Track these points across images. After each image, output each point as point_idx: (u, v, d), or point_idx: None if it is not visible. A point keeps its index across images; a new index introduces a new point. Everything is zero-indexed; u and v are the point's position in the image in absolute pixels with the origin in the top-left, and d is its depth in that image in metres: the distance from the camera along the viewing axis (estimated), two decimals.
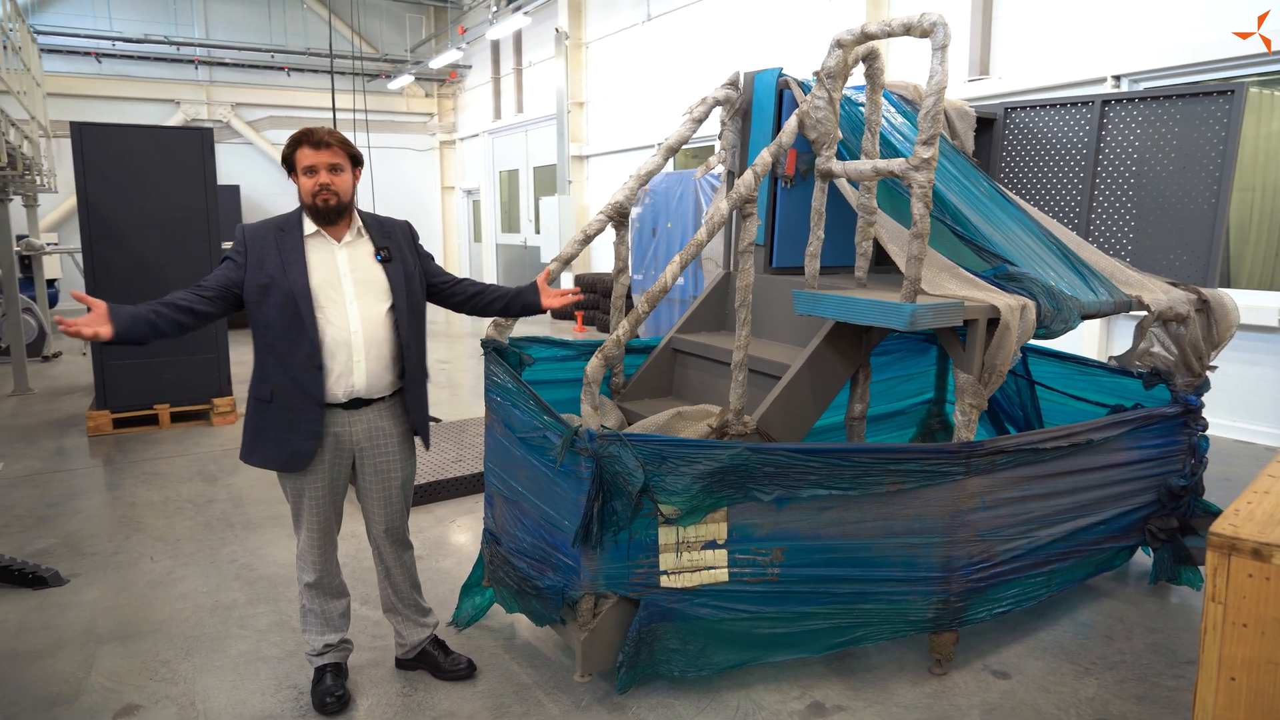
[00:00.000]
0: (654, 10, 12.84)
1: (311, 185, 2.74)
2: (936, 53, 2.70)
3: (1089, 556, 3.63)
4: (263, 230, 2.81)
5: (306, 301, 2.72)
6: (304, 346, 2.73)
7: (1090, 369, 4.40)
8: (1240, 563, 1.36)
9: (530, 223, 17.10)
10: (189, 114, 16.97)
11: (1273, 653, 1.35)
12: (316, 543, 2.96)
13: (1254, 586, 1.36)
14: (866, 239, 3.34)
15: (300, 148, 2.76)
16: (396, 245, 2.95)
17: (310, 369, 2.74)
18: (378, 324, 2.84)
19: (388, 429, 2.96)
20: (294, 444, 2.79)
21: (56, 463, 6.16)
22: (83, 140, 6.47)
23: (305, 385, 2.75)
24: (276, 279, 2.72)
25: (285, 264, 2.73)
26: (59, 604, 3.87)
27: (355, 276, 2.83)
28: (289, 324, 2.72)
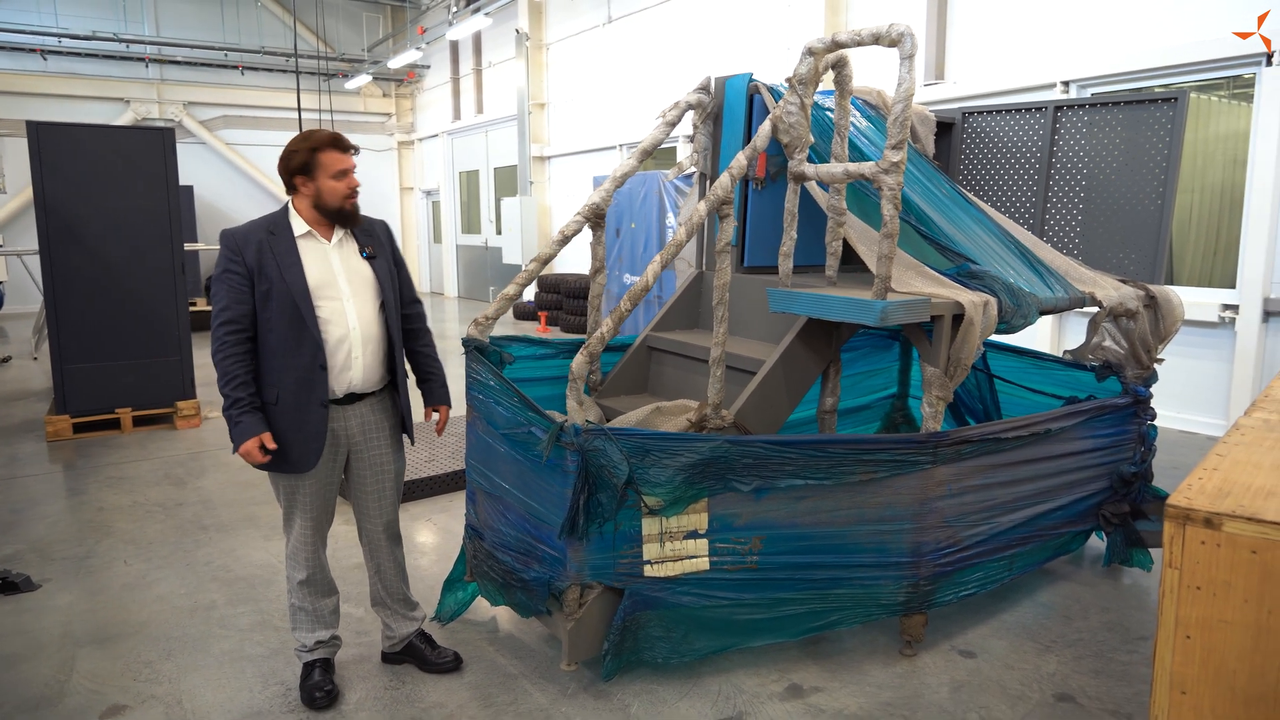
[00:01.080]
0: (615, 12, 12.93)
1: (345, 188, 2.82)
2: (904, 61, 2.84)
3: (1048, 541, 3.81)
4: (252, 235, 2.81)
5: (307, 302, 2.77)
6: (308, 347, 2.78)
7: (1045, 363, 4.60)
8: (1194, 531, 1.50)
9: (491, 223, 17.07)
10: (139, 113, 16.61)
11: (1223, 612, 1.49)
12: (309, 540, 3.00)
13: (1206, 553, 1.49)
14: (836, 239, 3.47)
15: (328, 151, 2.80)
16: (379, 243, 3.02)
17: (315, 369, 2.80)
18: (371, 321, 2.92)
19: (379, 423, 3.04)
20: (301, 444, 2.84)
21: (15, 468, 6.04)
22: (40, 140, 6.36)
23: (311, 385, 2.81)
24: (275, 283, 2.75)
25: (282, 267, 2.76)
26: (32, 609, 3.84)
27: (348, 275, 2.89)
28: (290, 325, 2.76)
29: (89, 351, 6.72)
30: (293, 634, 3.13)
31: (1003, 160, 4.54)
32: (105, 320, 6.71)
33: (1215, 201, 6.90)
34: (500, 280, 16.77)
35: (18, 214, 15.36)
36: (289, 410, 2.82)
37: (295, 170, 2.81)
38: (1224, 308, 6.55)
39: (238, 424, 2.75)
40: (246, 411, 2.75)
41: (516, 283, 3.68)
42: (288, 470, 2.89)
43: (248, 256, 2.76)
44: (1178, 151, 3.91)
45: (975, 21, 8.06)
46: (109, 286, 6.69)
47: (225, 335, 2.75)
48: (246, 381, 2.77)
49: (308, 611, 3.07)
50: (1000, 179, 4.58)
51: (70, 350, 6.67)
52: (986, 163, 4.62)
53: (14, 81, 15.28)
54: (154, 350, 6.97)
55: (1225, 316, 6.54)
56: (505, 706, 3.04)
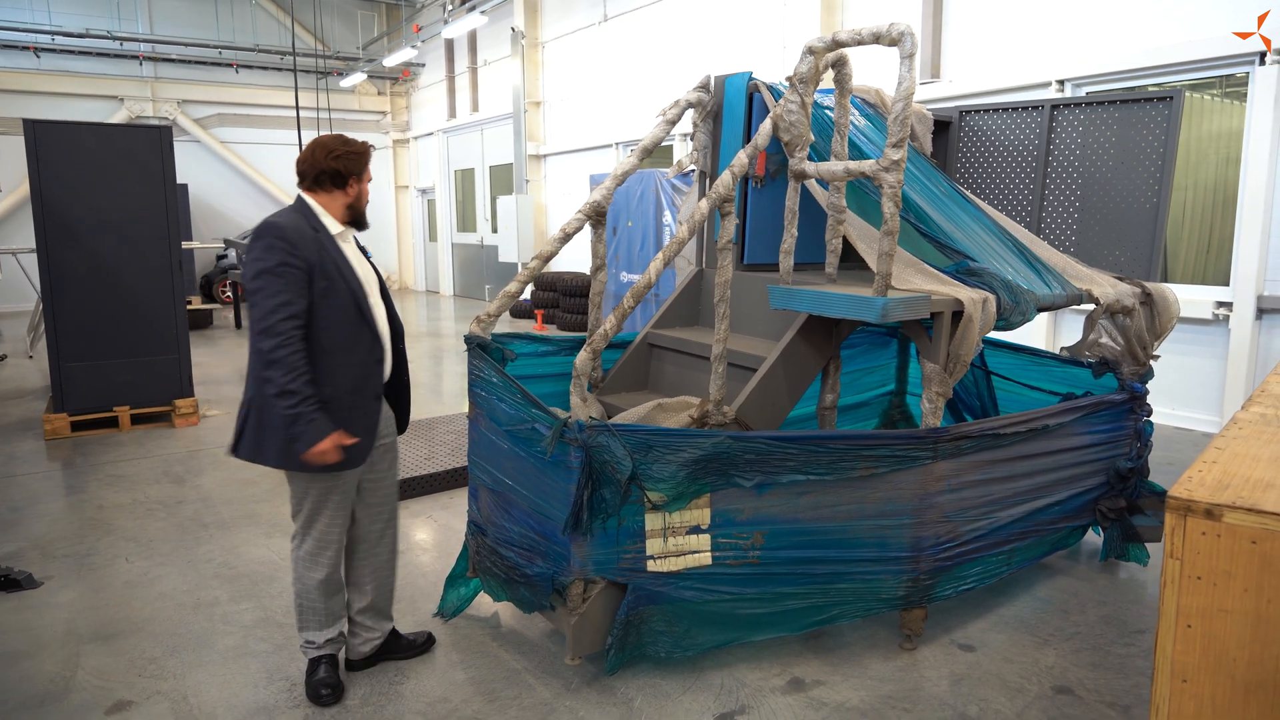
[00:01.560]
0: (610, 11, 12.94)
1: (367, 196, 2.99)
2: (904, 61, 2.86)
3: (1045, 536, 3.85)
4: (302, 230, 2.77)
5: (364, 298, 2.84)
6: (364, 343, 2.85)
7: (1042, 359, 4.64)
8: (1195, 522, 1.53)
9: (486, 222, 17.07)
10: (133, 111, 16.56)
11: (1223, 601, 1.52)
12: (338, 539, 3.01)
13: (1206, 543, 1.53)
14: (836, 237, 3.50)
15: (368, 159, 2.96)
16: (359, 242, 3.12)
17: (372, 363, 2.88)
18: (382, 316, 3.00)
19: (388, 413, 3.11)
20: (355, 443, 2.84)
21: (13, 466, 6.04)
22: (37, 138, 6.35)
23: (368, 380, 2.88)
24: (335, 280, 2.78)
25: (338, 265, 2.81)
26: (35, 606, 3.85)
27: (363, 273, 2.96)
28: (350, 322, 2.81)
29: (87, 350, 6.71)
30: (299, 632, 3.11)
31: (1000, 159, 4.58)
32: (103, 318, 6.70)
33: (1208, 199, 6.95)
34: (496, 279, 16.77)
35: (11, 212, 15.30)
36: (343, 408, 2.82)
37: (351, 172, 2.87)
38: (1218, 305, 6.60)
39: (312, 421, 2.66)
40: (317, 408, 2.70)
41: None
42: (342, 468, 2.85)
43: (306, 253, 2.72)
44: (1173, 150, 3.95)
45: (971, 20, 8.11)
46: (107, 284, 6.68)
47: (291, 330, 2.66)
48: (312, 378, 2.71)
49: (320, 610, 3.04)
50: (997, 177, 4.62)
51: (68, 348, 6.66)
52: (983, 161, 4.65)
53: (7, 79, 15.22)
54: (152, 348, 6.96)
55: (1219, 314, 6.59)
56: (509, 701, 3.07)
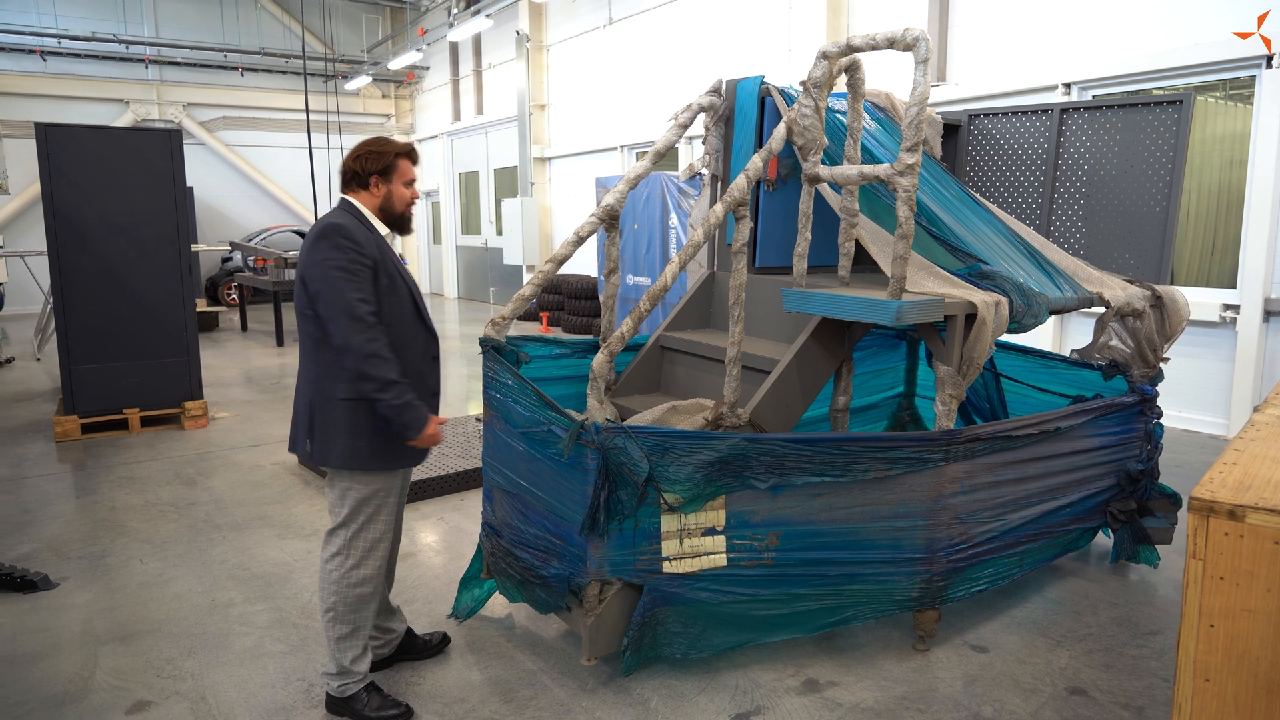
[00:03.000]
0: (615, 14, 12.98)
1: (410, 197, 2.93)
2: (919, 66, 2.89)
3: (1057, 538, 3.86)
4: (360, 231, 2.78)
5: (420, 296, 2.92)
6: (421, 340, 2.91)
7: (1052, 362, 4.65)
8: (1217, 523, 1.55)
9: (491, 224, 17.10)
10: (139, 114, 16.62)
11: (1246, 601, 1.54)
12: (388, 543, 2.99)
13: (1229, 543, 1.54)
14: (849, 240, 3.52)
15: (405, 160, 2.90)
16: None
17: (428, 360, 2.95)
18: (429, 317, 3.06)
19: None
20: None
21: (25, 468, 6.07)
22: (48, 142, 6.38)
23: (424, 377, 2.93)
24: (395, 279, 2.82)
25: (395, 264, 2.85)
26: (52, 607, 3.87)
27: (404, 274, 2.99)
28: (408, 320, 2.86)
29: (97, 352, 6.74)
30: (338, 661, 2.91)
31: (1009, 162, 4.60)
32: (113, 321, 6.73)
33: (1214, 201, 6.97)
34: (500, 281, 16.80)
35: (18, 215, 15.35)
36: None
37: (375, 171, 2.85)
38: (1225, 308, 6.61)
39: (414, 408, 2.73)
40: (414, 395, 2.76)
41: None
42: (403, 465, 2.91)
43: (370, 251, 2.76)
44: (1183, 153, 3.96)
45: (977, 23, 8.13)
46: (116, 287, 6.71)
47: (377, 322, 2.71)
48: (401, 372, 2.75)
49: (363, 630, 2.93)
50: (1006, 180, 4.64)
51: (78, 351, 6.69)
52: (992, 164, 4.67)
53: (14, 83, 15.28)
54: (161, 351, 7.00)
55: (1226, 316, 6.60)
56: (526, 702, 3.09)
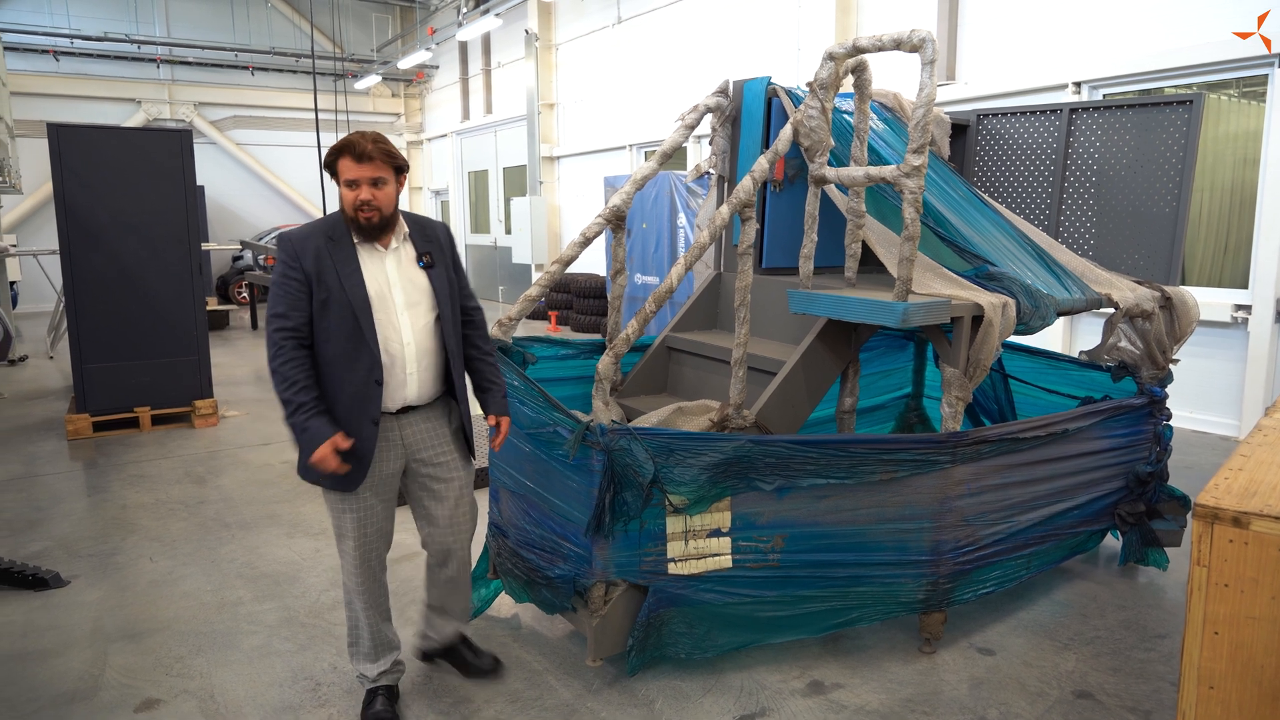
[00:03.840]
0: (624, 13, 12.97)
1: (353, 199, 2.63)
2: (926, 67, 2.88)
3: (1064, 540, 3.84)
4: (311, 240, 2.66)
5: (366, 314, 2.64)
6: (364, 361, 2.65)
7: (1061, 363, 4.64)
8: (1222, 529, 1.54)
9: (500, 223, 17.13)
10: (151, 113, 16.72)
11: (1250, 608, 1.53)
12: (365, 559, 2.84)
13: (1234, 550, 1.54)
14: (855, 241, 3.51)
15: (342, 158, 2.62)
16: (438, 249, 2.86)
17: (370, 384, 2.66)
18: (427, 334, 2.78)
19: (437, 428, 2.90)
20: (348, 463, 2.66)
21: (36, 466, 6.12)
22: (60, 142, 6.43)
23: (365, 401, 2.66)
24: (334, 292, 2.62)
25: (341, 275, 2.63)
26: (63, 604, 3.90)
27: (404, 285, 2.75)
28: (348, 338, 2.63)
29: (108, 351, 6.79)
30: (351, 664, 3.00)
31: (1018, 162, 4.57)
32: (124, 320, 6.78)
33: (1225, 201, 6.92)
34: (510, 280, 16.83)
35: (31, 214, 15.46)
36: (341, 426, 2.65)
37: (330, 174, 2.67)
38: (1236, 308, 6.57)
39: (305, 430, 2.56)
40: (312, 416, 2.57)
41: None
42: (337, 488, 2.74)
43: (305, 263, 2.62)
44: (1193, 154, 3.94)
45: (986, 22, 8.09)
46: (127, 286, 6.75)
47: (282, 340, 2.60)
48: (309, 385, 2.61)
49: (367, 638, 2.93)
50: (1015, 181, 4.62)
51: (90, 350, 6.74)
52: (1001, 165, 4.65)
53: (27, 82, 15.37)
54: (172, 350, 7.04)
55: (1238, 317, 6.56)
56: (531, 702, 3.09)
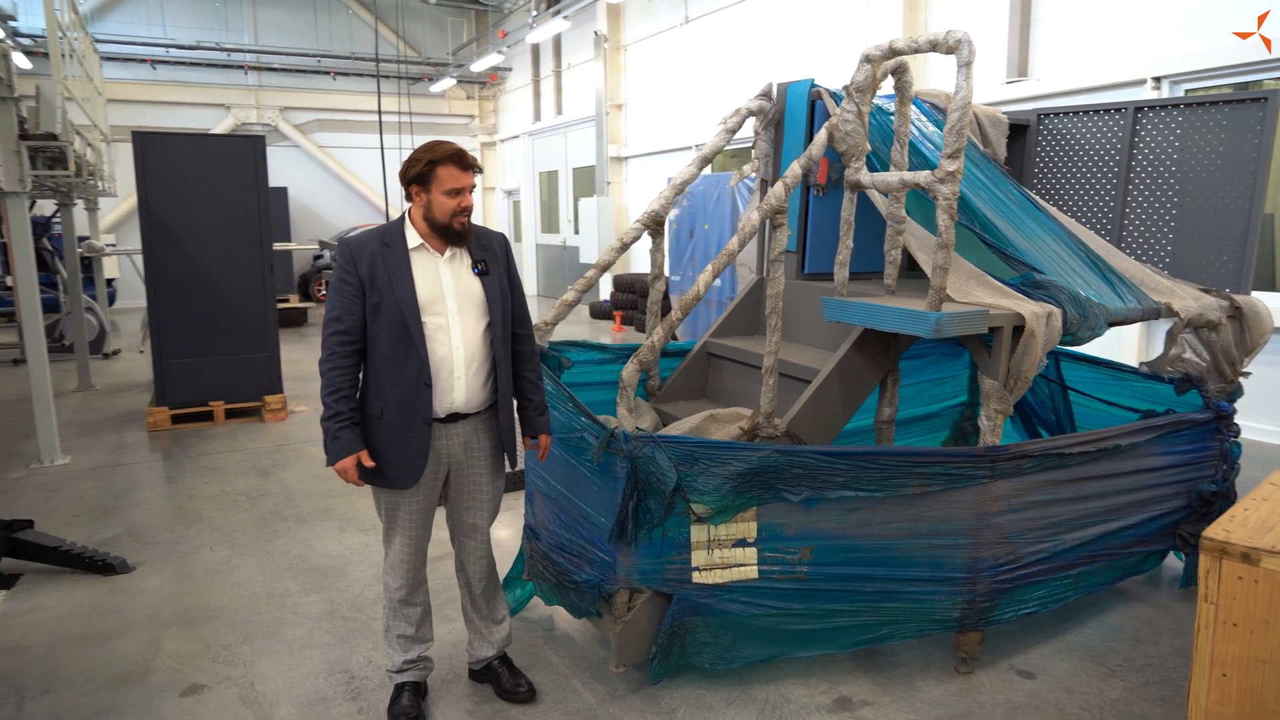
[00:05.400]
0: (692, 13, 12.93)
1: (455, 206, 2.72)
2: (961, 69, 2.79)
3: (1117, 560, 3.67)
4: (367, 246, 2.76)
5: (415, 318, 2.71)
6: (414, 363, 2.72)
7: (1124, 374, 4.43)
8: (1231, 565, 1.45)
9: (569, 223, 17.30)
10: (239, 118, 17.46)
11: (1260, 651, 1.44)
12: (407, 557, 2.94)
13: (1243, 588, 1.44)
14: (895, 247, 3.43)
15: (447, 166, 2.70)
16: (493, 258, 2.90)
17: (420, 385, 2.73)
18: (477, 340, 2.83)
19: (481, 443, 2.95)
20: (404, 461, 2.78)
21: (119, 455, 6.46)
22: (143, 148, 6.77)
23: (415, 402, 2.74)
24: (385, 296, 2.70)
25: (393, 280, 2.70)
26: (126, 590, 4.11)
27: (456, 291, 2.80)
28: (398, 341, 2.71)
29: (186, 347, 7.13)
30: (385, 651, 3.10)
31: (1079, 163, 4.39)
32: (200, 318, 7.10)
33: None
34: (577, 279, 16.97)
35: (128, 216, 16.31)
36: (392, 426, 2.76)
37: (413, 179, 2.73)
38: None
39: (335, 439, 2.69)
40: (345, 427, 2.70)
41: (575, 289, 3.77)
42: (388, 486, 2.83)
43: (360, 267, 2.72)
44: (1267, 153, 3.71)
45: (1062, 13, 7.77)
46: (204, 286, 7.08)
47: (335, 345, 2.72)
48: (349, 395, 2.73)
49: (400, 630, 3.02)
50: (1077, 183, 4.43)
51: (169, 346, 7.09)
52: (1062, 166, 4.47)
53: (126, 90, 16.24)
54: (244, 347, 7.34)
55: None
56: (555, 705, 3.12)
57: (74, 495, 5.53)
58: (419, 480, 2.83)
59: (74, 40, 7.94)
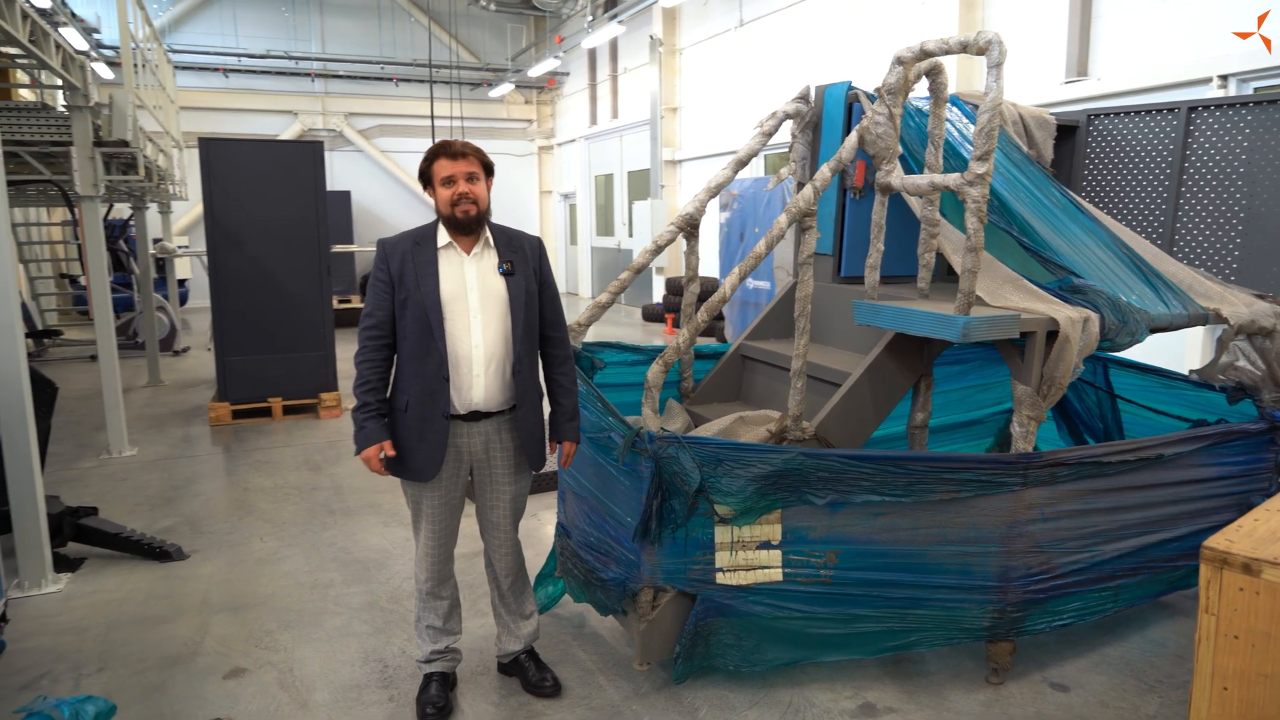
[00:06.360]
0: (747, 16, 12.90)
1: (450, 195, 2.79)
2: (991, 70, 2.75)
3: (1161, 574, 3.56)
4: (400, 245, 2.87)
5: (436, 314, 2.79)
6: (434, 359, 2.81)
7: (1174, 382, 4.29)
8: (1231, 576, 1.42)
9: (624, 226, 17.39)
10: (306, 124, 18.01)
11: (1262, 665, 1.40)
12: (433, 550, 3.02)
13: (1244, 600, 1.41)
14: (929, 250, 3.39)
15: (438, 160, 2.81)
16: (522, 259, 2.94)
17: (439, 380, 2.82)
18: (499, 339, 2.88)
19: (504, 442, 2.99)
20: (424, 454, 2.86)
21: (183, 448, 6.75)
22: (208, 153, 7.06)
23: (435, 397, 2.83)
24: (411, 292, 2.80)
25: (419, 277, 2.81)
26: (180, 576, 4.30)
27: (480, 290, 2.86)
28: (422, 336, 2.81)
29: (246, 345, 7.40)
30: (415, 641, 3.19)
31: (1129, 166, 4.27)
32: (261, 317, 7.37)
33: None
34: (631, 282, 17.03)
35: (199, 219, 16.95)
36: (415, 419, 2.85)
37: (423, 179, 2.86)
38: None
39: (361, 429, 2.81)
40: (371, 418, 2.81)
41: (610, 290, 3.82)
42: (410, 478, 2.92)
43: (392, 265, 2.84)
44: None
45: (1125, 10, 7.54)
46: (264, 286, 7.34)
47: (366, 340, 2.85)
48: (377, 388, 2.84)
49: (428, 621, 3.11)
50: (1128, 186, 4.31)
51: (230, 343, 7.37)
52: (1112, 169, 4.35)
53: (200, 98, 16.90)
54: (302, 345, 7.59)
55: None
56: (579, 700, 3.17)
57: (137, 485, 5.79)
58: (438, 474, 2.90)
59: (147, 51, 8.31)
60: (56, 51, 5.15)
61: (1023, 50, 8.23)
